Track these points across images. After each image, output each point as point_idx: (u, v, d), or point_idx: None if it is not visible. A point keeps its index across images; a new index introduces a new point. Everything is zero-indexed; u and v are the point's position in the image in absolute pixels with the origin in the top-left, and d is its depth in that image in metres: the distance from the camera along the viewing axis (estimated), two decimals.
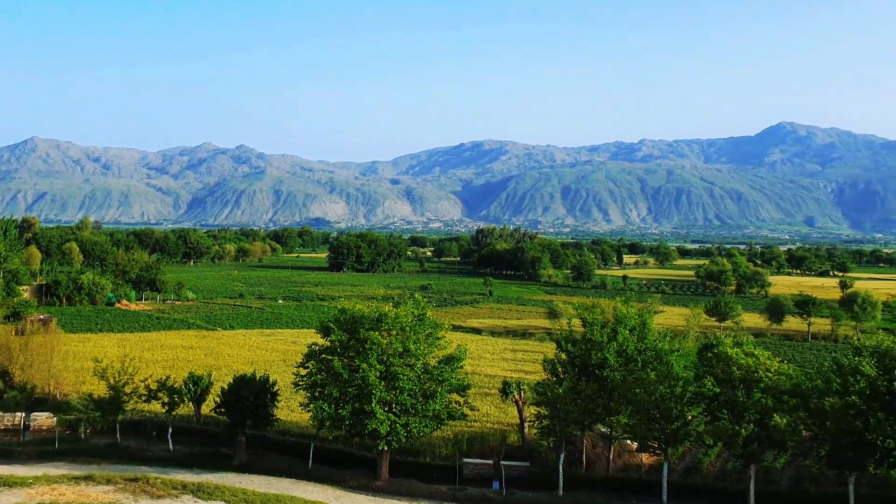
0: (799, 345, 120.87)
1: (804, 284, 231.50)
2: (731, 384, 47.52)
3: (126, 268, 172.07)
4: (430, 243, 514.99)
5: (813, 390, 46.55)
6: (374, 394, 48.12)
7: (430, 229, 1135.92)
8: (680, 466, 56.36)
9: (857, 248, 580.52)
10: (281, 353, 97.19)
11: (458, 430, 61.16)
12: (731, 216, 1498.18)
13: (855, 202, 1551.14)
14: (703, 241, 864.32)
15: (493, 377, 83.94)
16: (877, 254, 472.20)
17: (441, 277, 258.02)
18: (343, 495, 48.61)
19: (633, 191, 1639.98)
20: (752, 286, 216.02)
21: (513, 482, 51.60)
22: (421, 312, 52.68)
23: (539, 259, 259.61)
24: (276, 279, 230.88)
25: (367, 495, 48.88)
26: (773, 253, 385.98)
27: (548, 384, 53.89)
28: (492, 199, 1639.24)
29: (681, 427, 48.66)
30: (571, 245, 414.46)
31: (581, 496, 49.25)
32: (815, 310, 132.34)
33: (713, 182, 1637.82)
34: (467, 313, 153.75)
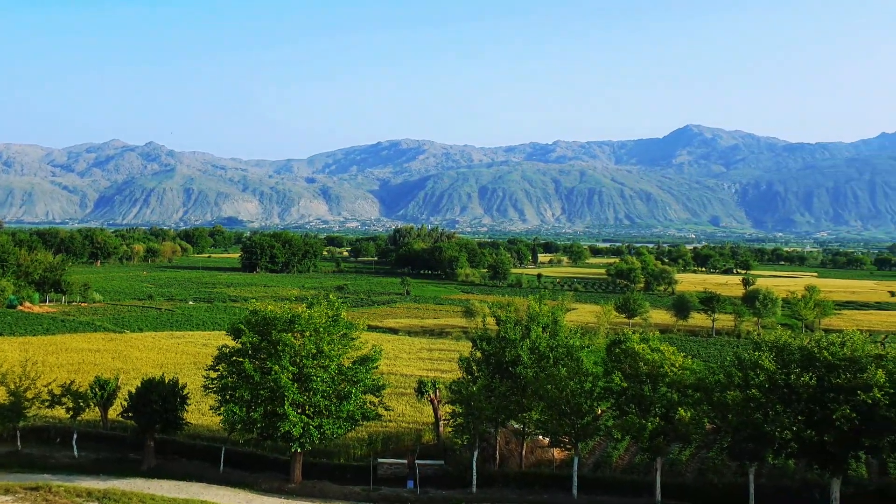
0: (704, 340, 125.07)
1: (709, 282, 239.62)
2: (638, 379, 48.81)
3: (29, 269, 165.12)
4: (346, 243, 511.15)
5: (716, 384, 48.19)
6: (286, 396, 47.61)
7: (346, 229, 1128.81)
8: (590, 460, 57.71)
9: (759, 246, 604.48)
10: (191, 356, 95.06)
11: (373, 430, 61.12)
12: (640, 216, 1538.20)
13: (757, 202, 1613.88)
14: (614, 240, 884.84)
15: (409, 377, 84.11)
16: (777, 252, 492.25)
17: (358, 277, 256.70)
18: (255, 499, 47.96)
19: (548, 191, 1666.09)
20: (659, 284, 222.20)
21: (427, 481, 51.89)
22: (335, 313, 52.37)
23: (456, 258, 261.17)
24: (187, 280, 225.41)
25: (280, 498, 48.35)
26: (679, 251, 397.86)
27: (463, 382, 54.32)
28: (410, 199, 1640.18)
29: (591, 422, 49.78)
30: (488, 244, 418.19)
31: (494, 492, 49.91)
32: (719, 306, 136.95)
33: (624, 183, 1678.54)
34: (384, 313, 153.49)
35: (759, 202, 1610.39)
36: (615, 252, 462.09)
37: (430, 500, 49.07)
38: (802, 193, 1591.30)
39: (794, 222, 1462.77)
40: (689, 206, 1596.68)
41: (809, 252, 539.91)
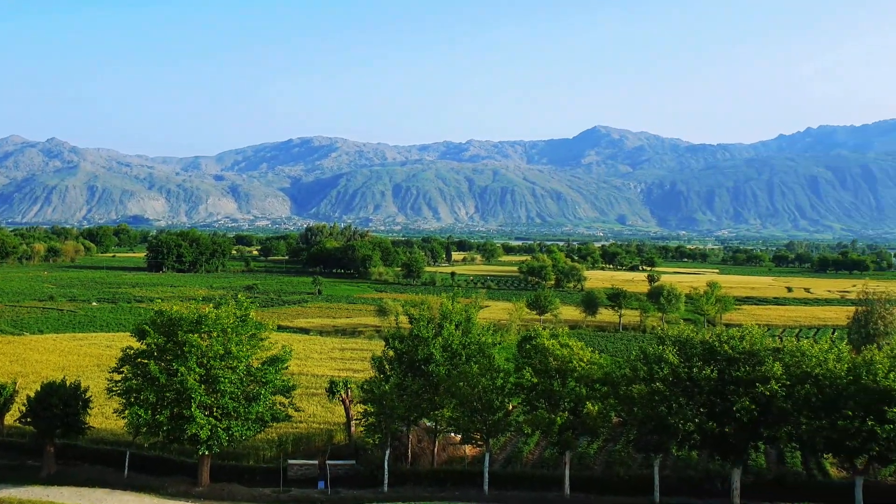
0: (611, 335, 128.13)
1: (616, 278, 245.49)
2: (548, 374, 49.48)
3: None
4: (256, 242, 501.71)
5: (622, 378, 49.36)
6: (193, 398, 46.52)
7: (256, 227, 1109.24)
8: (501, 456, 58.29)
9: (663, 244, 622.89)
10: (95, 358, 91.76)
11: (283, 431, 60.21)
12: (551, 214, 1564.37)
13: (662, 201, 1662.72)
14: (527, 238, 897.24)
15: (320, 377, 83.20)
16: (680, 250, 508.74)
17: (268, 277, 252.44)
18: (161, 503, 46.67)
19: (462, 190, 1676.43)
20: (569, 281, 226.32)
21: (339, 481, 51.45)
22: (244, 313, 51.44)
23: (370, 257, 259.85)
24: (90, 280, 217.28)
25: (187, 502, 47.21)
26: (588, 249, 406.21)
27: (375, 381, 54.02)
28: (322, 197, 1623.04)
29: (502, 418, 50.28)
30: (402, 243, 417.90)
31: (406, 491, 49.86)
32: (626, 302, 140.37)
33: (535, 182, 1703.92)
34: (295, 313, 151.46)
35: (664, 201, 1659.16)
36: (527, 250, 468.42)
37: (341, 500, 48.67)
38: (704, 193, 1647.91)
39: (697, 221, 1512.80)
40: (597, 205, 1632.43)
41: (711, 249, 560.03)
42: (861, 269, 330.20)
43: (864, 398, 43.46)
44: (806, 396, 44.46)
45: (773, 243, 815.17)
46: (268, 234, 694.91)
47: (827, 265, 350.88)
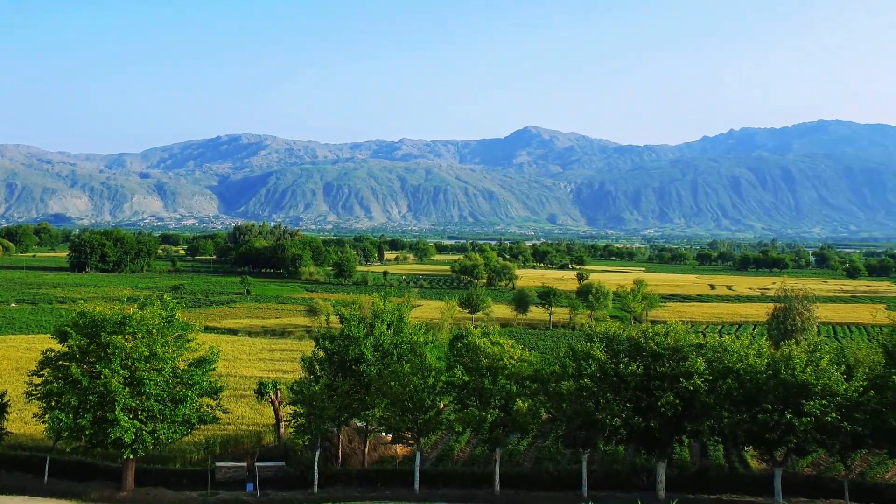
0: (542, 333, 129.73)
1: (547, 277, 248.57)
2: (479, 372, 49.79)
3: None
4: (183, 241, 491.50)
5: (551, 375, 50.07)
6: (117, 401, 45.31)
7: (183, 226, 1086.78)
8: (432, 455, 58.45)
9: (592, 243, 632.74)
10: (14, 361, 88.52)
11: (210, 433, 59.16)
12: (483, 214, 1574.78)
13: (591, 201, 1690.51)
14: (459, 237, 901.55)
15: (249, 378, 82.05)
16: (609, 248, 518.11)
17: (195, 277, 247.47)
18: None
19: (394, 188, 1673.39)
20: (501, 279, 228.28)
21: (268, 483, 50.81)
22: (170, 314, 50.36)
23: (300, 256, 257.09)
24: (9, 281, 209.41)
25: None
26: (520, 248, 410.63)
27: (305, 382, 53.49)
28: (251, 195, 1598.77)
29: (433, 416, 50.41)
30: (334, 242, 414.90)
31: (336, 492, 49.56)
32: (556, 300, 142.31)
33: (468, 181, 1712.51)
34: (223, 313, 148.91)
35: (593, 201, 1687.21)
36: (460, 249, 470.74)
37: (270, 501, 48.05)
38: (632, 193, 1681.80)
39: (624, 220, 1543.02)
40: (528, 205, 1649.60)
41: (638, 248, 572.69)
42: (780, 266, 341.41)
43: (783, 392, 45.03)
44: (728, 391, 45.81)
45: (697, 242, 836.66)
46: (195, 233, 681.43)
47: (748, 263, 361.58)
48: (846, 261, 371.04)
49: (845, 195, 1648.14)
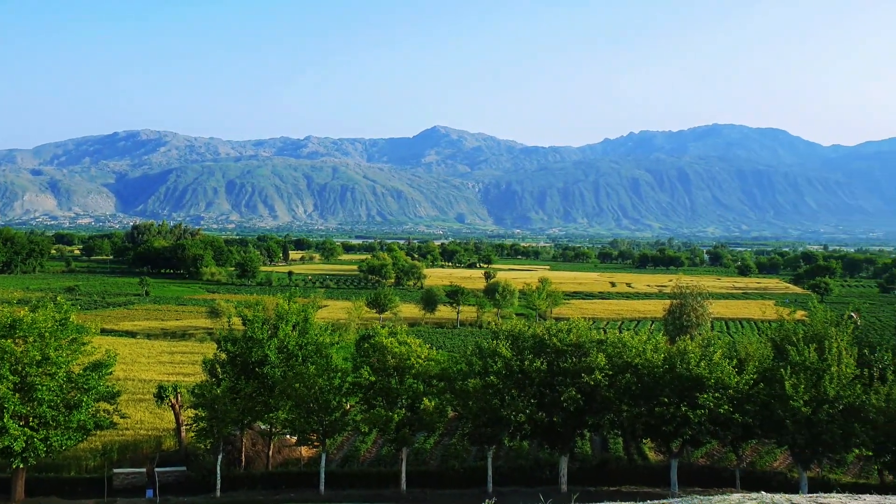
0: (449, 331, 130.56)
1: (455, 276, 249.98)
2: (386, 372, 49.84)
3: None
4: (78, 241, 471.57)
5: (458, 373, 50.54)
6: (6, 408, 43.32)
7: (78, 226, 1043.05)
8: (338, 456, 58.11)
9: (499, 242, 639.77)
10: None
11: (108, 439, 57.18)
12: (392, 213, 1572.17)
13: (498, 201, 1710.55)
14: (367, 236, 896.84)
15: (148, 381, 79.60)
16: (515, 247, 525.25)
17: (91, 278, 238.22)
18: None
19: (300, 187, 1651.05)
20: (409, 279, 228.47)
21: (168, 488, 49.51)
22: (63, 316, 48.42)
23: (201, 256, 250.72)
24: None
25: None
26: (428, 247, 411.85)
27: (206, 385, 52.40)
28: (150, 193, 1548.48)
29: (339, 417, 50.14)
30: (236, 241, 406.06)
31: (239, 495, 48.75)
32: (464, 299, 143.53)
33: (376, 180, 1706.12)
34: (120, 315, 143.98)
35: (500, 201, 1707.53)
36: (367, 248, 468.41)
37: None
38: (537, 193, 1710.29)
39: (530, 219, 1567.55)
40: (437, 204, 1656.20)
41: (543, 247, 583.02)
42: (676, 264, 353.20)
43: (679, 385, 46.77)
44: (627, 385, 47.26)
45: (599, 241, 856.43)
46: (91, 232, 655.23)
47: (647, 261, 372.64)
48: (738, 259, 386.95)
49: (737, 196, 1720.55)
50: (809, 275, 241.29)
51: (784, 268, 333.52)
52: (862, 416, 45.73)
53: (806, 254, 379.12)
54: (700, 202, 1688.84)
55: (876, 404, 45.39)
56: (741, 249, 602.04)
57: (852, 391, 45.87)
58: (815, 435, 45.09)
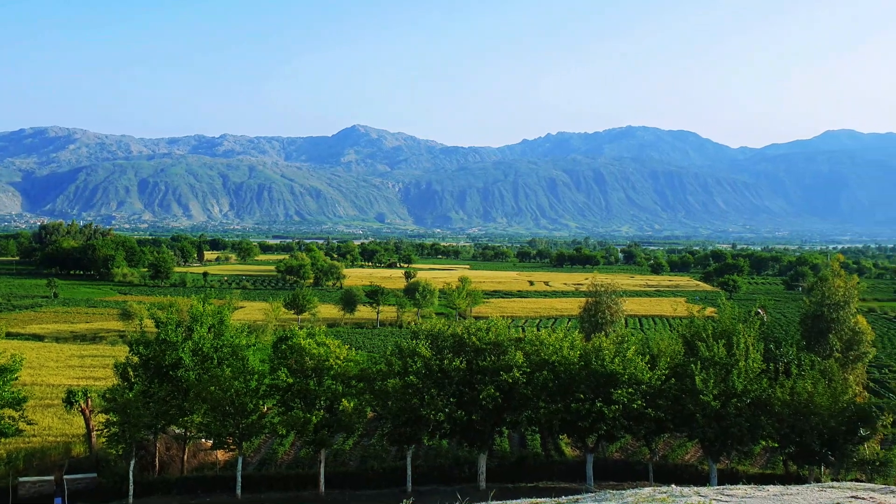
0: (369, 331, 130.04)
1: (375, 276, 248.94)
2: (304, 374, 49.39)
3: None
4: None
5: (378, 373, 50.42)
6: None
7: None
8: (255, 459, 57.29)
9: (419, 241, 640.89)
10: None
11: (13, 447, 54.95)
12: (310, 212, 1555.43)
13: (418, 200, 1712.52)
14: (285, 236, 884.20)
15: (57, 386, 76.78)
16: (435, 247, 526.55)
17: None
18: None
19: (215, 186, 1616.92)
20: (328, 279, 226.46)
21: (79, 496, 47.94)
22: None
23: (113, 257, 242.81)
24: None
25: None
26: (348, 247, 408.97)
27: (118, 389, 50.95)
28: (58, 192, 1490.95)
29: (256, 420, 49.43)
30: (150, 242, 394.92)
31: (153, 501, 47.59)
32: (384, 299, 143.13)
33: (294, 179, 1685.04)
34: (27, 318, 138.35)
35: (420, 200, 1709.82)
36: (285, 248, 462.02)
37: None
38: (457, 193, 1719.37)
39: (450, 219, 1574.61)
40: (357, 204, 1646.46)
41: (463, 246, 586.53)
42: (592, 263, 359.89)
43: (594, 382, 47.78)
44: (544, 382, 48.01)
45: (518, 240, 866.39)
46: None
47: (564, 260, 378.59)
48: (651, 257, 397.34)
49: (650, 196, 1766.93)
50: (718, 273, 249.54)
51: (694, 266, 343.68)
52: (768, 409, 47.60)
53: (715, 252, 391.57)
54: (615, 202, 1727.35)
55: (781, 397, 47.31)
56: (654, 248, 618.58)
57: (759, 385, 47.71)
58: (724, 428, 46.69)
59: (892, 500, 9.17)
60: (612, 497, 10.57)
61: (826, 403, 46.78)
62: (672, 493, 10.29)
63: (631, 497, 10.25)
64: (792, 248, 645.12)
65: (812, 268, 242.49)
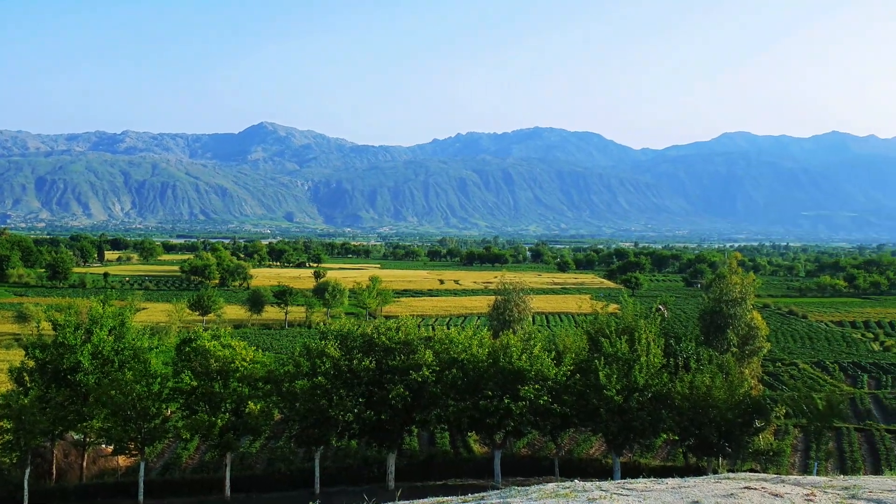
0: (277, 332, 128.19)
1: (283, 276, 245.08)
2: (208, 376, 48.40)
3: None
4: None
5: (285, 375, 49.80)
6: None
7: None
8: (158, 464, 55.84)
9: (329, 241, 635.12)
10: None
11: None
12: (216, 211, 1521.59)
13: (328, 199, 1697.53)
14: (189, 235, 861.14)
15: None
16: (346, 246, 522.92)
17: None
18: None
19: (117, 184, 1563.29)
20: (235, 279, 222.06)
21: None
22: None
23: (7, 257, 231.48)
24: None
25: None
26: (255, 247, 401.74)
27: (12, 395, 48.82)
28: None
29: (159, 424, 48.18)
30: (47, 241, 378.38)
31: None
32: (292, 299, 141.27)
33: (199, 177, 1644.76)
34: None
35: (330, 199, 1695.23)
36: (190, 248, 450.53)
37: None
38: (368, 191, 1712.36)
39: (361, 218, 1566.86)
40: (264, 202, 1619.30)
41: (374, 245, 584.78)
42: (501, 262, 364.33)
43: (502, 379, 48.44)
44: (453, 380, 48.38)
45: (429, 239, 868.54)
46: None
47: (474, 259, 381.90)
48: (558, 256, 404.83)
49: (557, 196, 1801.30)
50: (622, 270, 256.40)
51: (599, 264, 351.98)
52: (668, 403, 49.27)
53: (618, 251, 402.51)
54: (523, 202, 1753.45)
55: (681, 391, 49.04)
56: (560, 247, 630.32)
57: (660, 380, 49.33)
58: (627, 422, 48.08)
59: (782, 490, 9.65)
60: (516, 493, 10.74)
61: (723, 396, 48.70)
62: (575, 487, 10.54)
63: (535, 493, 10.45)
64: (691, 246, 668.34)
65: (710, 265, 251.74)
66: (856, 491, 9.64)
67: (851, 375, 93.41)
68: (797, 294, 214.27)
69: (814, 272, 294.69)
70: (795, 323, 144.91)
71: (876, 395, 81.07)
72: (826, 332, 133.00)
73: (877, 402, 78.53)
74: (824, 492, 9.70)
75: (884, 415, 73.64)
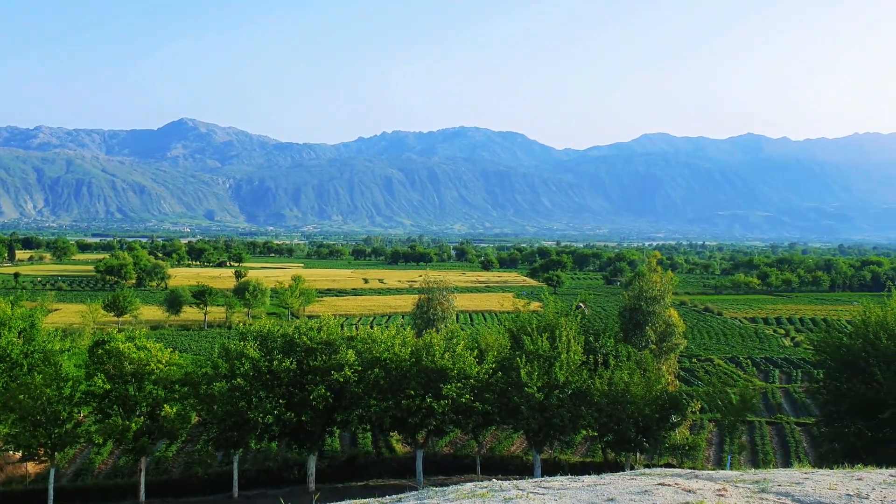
0: (196, 334, 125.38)
1: (203, 275, 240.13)
2: (123, 379, 47.01)
3: None
4: None
5: (203, 377, 48.73)
6: None
7: None
8: (70, 470, 53.97)
9: (251, 240, 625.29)
10: None
11: None
12: (133, 209, 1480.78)
13: (251, 197, 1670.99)
14: (105, 234, 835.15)
15: None
16: (269, 245, 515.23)
17: None
18: None
19: (29, 181, 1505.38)
20: (152, 279, 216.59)
21: None
22: None
23: None
24: None
25: None
26: (174, 246, 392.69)
27: None
28: None
29: (70, 429, 46.56)
30: None
31: None
32: (212, 299, 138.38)
33: (116, 174, 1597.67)
34: None
35: (252, 197, 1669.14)
36: (106, 247, 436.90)
37: None
38: (292, 190, 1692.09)
39: (284, 216, 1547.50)
40: (184, 200, 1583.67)
41: (297, 244, 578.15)
42: (426, 260, 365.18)
43: (425, 378, 48.40)
44: (375, 380, 48.07)
45: (353, 238, 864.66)
46: None
47: (398, 258, 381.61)
48: (482, 254, 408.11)
49: (481, 195, 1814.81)
50: (544, 268, 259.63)
51: (522, 262, 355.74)
52: (588, 400, 50.03)
53: (541, 249, 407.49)
54: (448, 201, 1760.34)
55: (600, 388, 49.87)
56: (485, 245, 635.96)
57: (580, 376, 50.05)
58: (547, 419, 48.61)
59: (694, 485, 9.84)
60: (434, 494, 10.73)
61: (641, 392, 49.72)
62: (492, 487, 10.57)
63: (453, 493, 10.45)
64: (611, 244, 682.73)
65: (629, 263, 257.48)
66: (766, 485, 9.89)
67: (764, 370, 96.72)
68: (713, 292, 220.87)
69: (729, 270, 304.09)
70: (711, 320, 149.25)
71: (787, 390, 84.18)
72: (740, 328, 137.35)
73: (787, 396, 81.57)
74: (735, 486, 9.93)
75: (794, 408, 76.52)
